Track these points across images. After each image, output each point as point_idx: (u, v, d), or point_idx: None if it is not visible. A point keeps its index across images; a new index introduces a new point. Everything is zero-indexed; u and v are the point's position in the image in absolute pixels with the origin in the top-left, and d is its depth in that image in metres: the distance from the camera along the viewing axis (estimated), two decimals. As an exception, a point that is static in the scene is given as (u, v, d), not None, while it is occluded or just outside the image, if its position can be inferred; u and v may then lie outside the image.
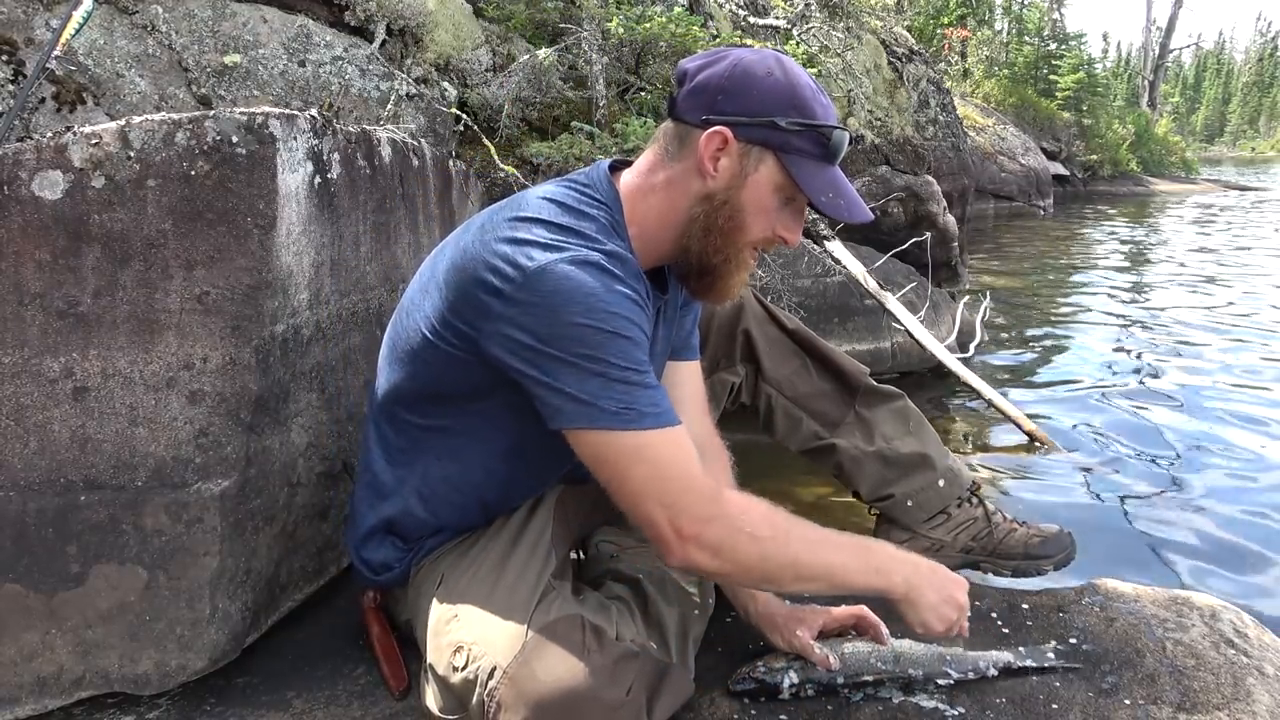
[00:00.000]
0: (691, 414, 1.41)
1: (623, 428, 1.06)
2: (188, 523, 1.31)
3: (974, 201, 8.79)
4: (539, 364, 1.06)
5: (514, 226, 1.11)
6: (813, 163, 1.15)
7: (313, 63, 2.98)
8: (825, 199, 1.15)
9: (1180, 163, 22.69)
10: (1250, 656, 1.39)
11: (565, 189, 1.20)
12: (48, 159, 1.28)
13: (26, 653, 1.28)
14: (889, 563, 1.20)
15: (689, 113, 1.16)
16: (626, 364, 1.06)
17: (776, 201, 1.18)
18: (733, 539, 1.09)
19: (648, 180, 1.21)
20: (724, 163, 1.15)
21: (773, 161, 1.15)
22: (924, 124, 6.88)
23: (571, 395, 1.06)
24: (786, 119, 1.13)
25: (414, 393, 1.26)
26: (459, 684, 1.12)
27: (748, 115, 1.13)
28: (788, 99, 1.14)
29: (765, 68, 1.15)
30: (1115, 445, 3.20)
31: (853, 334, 3.86)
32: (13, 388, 1.28)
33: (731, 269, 1.21)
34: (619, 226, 1.19)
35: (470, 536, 1.31)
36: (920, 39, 13.36)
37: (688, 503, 1.07)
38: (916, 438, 1.63)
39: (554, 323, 1.05)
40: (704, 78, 1.16)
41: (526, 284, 1.05)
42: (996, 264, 8.00)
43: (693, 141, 1.16)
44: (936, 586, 1.22)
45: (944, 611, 1.22)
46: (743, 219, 1.17)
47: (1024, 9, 22.38)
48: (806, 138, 1.14)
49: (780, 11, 5.70)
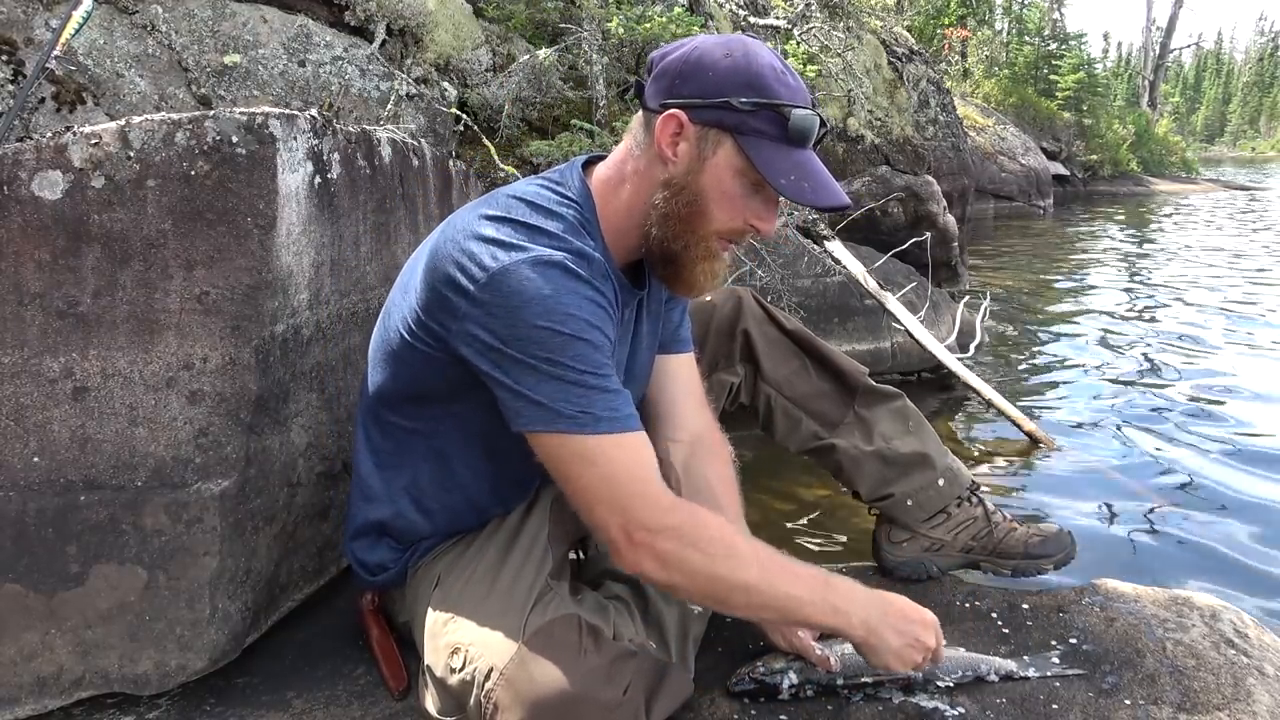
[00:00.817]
0: (688, 407, 1.42)
1: (577, 431, 1.06)
2: (188, 523, 1.31)
3: (974, 201, 8.79)
4: (501, 365, 1.07)
5: (482, 224, 1.12)
6: (772, 144, 1.11)
7: (313, 63, 2.98)
8: (785, 181, 1.11)
9: (1180, 163, 22.67)
10: (1250, 656, 1.39)
11: (537, 187, 1.19)
12: (48, 159, 1.28)
13: (26, 653, 1.28)
14: (849, 603, 1.18)
15: (652, 99, 1.15)
16: (584, 367, 1.06)
17: (740, 187, 1.14)
18: (682, 553, 1.08)
19: (618, 172, 1.20)
20: (682, 147, 1.13)
21: (730, 144, 1.12)
22: (924, 124, 6.88)
23: (529, 398, 1.06)
24: (741, 98, 1.09)
25: (396, 394, 1.26)
26: (456, 685, 1.12)
27: (702, 97, 1.11)
28: (744, 79, 1.10)
29: (724, 50, 1.12)
30: (1115, 445, 3.20)
31: (853, 334, 3.86)
32: (13, 388, 1.28)
33: (695, 257, 1.18)
34: (589, 224, 1.18)
35: (467, 537, 1.31)
36: (920, 39, 13.36)
37: (638, 510, 1.07)
38: (916, 437, 1.63)
39: (514, 324, 1.05)
40: (665, 64, 1.15)
41: (490, 284, 1.05)
42: (996, 264, 7.99)
43: (654, 128, 1.14)
44: (899, 630, 1.20)
45: (906, 655, 1.21)
46: (704, 205, 1.14)
47: (1024, 9, 22.38)
48: (763, 117, 1.10)
49: (780, 11, 5.70)
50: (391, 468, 1.30)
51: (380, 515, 1.31)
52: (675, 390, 1.41)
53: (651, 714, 1.13)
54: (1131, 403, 3.72)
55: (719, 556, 1.09)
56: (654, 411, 1.41)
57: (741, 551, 1.12)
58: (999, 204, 12.75)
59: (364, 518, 1.33)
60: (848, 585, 1.20)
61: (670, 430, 1.40)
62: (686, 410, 1.42)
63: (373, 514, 1.32)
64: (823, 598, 1.16)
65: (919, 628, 1.22)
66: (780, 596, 1.13)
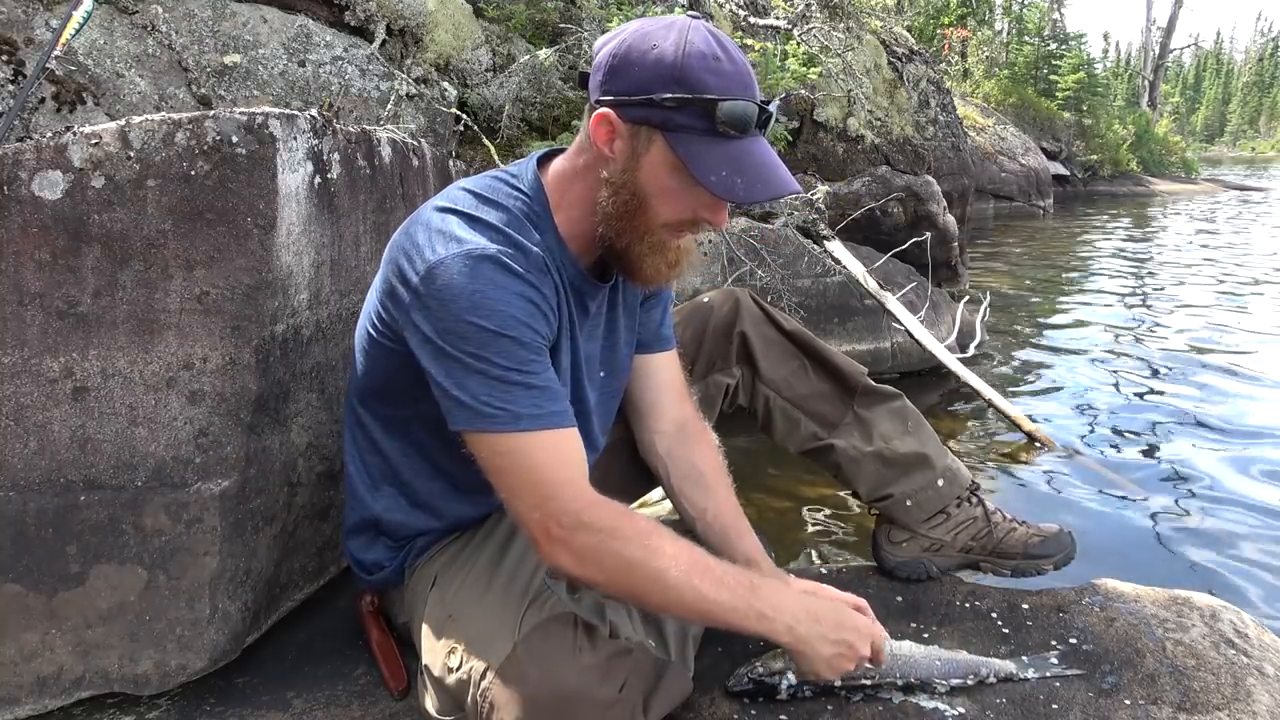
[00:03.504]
0: (669, 399, 1.43)
1: (499, 429, 1.06)
2: (188, 523, 1.31)
3: (974, 201, 8.78)
4: (436, 358, 1.08)
5: (431, 216, 1.13)
6: (702, 139, 1.07)
7: (313, 63, 2.98)
8: (715, 179, 1.06)
9: (1180, 163, 22.67)
10: (1250, 657, 1.39)
11: (489, 179, 1.20)
12: (48, 159, 1.28)
13: (26, 653, 1.28)
14: (775, 609, 1.14)
15: (591, 94, 1.13)
16: (509, 364, 1.06)
17: (679, 182, 1.10)
18: (598, 550, 1.07)
19: (571, 165, 1.19)
20: (618, 145, 1.10)
21: (661, 141, 1.08)
22: (924, 124, 6.88)
23: (456, 397, 1.07)
24: (665, 94, 1.05)
25: (369, 388, 1.28)
26: (454, 685, 1.12)
27: (628, 94, 1.07)
28: (669, 73, 1.05)
29: (650, 42, 1.07)
30: (1115, 445, 3.20)
31: (853, 334, 3.86)
32: (13, 388, 1.28)
33: (643, 252, 1.16)
34: (537, 216, 1.17)
35: (463, 535, 1.31)
36: (920, 39, 13.37)
37: (555, 508, 1.07)
38: (915, 437, 1.63)
39: (444, 317, 1.06)
40: (600, 57, 1.11)
41: (427, 276, 1.07)
42: (996, 264, 7.99)
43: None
44: (830, 639, 1.16)
45: (837, 664, 1.18)
46: (644, 202, 1.12)
47: (1024, 9, 22.38)
48: (689, 112, 1.06)
49: (781, 12, 5.70)
50: (376, 465, 1.31)
51: (372, 512, 1.31)
52: (657, 385, 1.42)
53: (649, 712, 1.13)
54: (1131, 403, 3.72)
55: (636, 556, 1.08)
56: (636, 407, 1.43)
57: (662, 551, 1.09)
58: (999, 204, 12.75)
59: (357, 515, 1.34)
60: (776, 590, 1.16)
61: (653, 423, 1.42)
62: (668, 402, 1.43)
63: (365, 511, 1.32)
64: (748, 603, 1.12)
65: (853, 634, 1.18)
66: (700, 598, 1.10)
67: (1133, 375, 4.19)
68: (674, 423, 1.42)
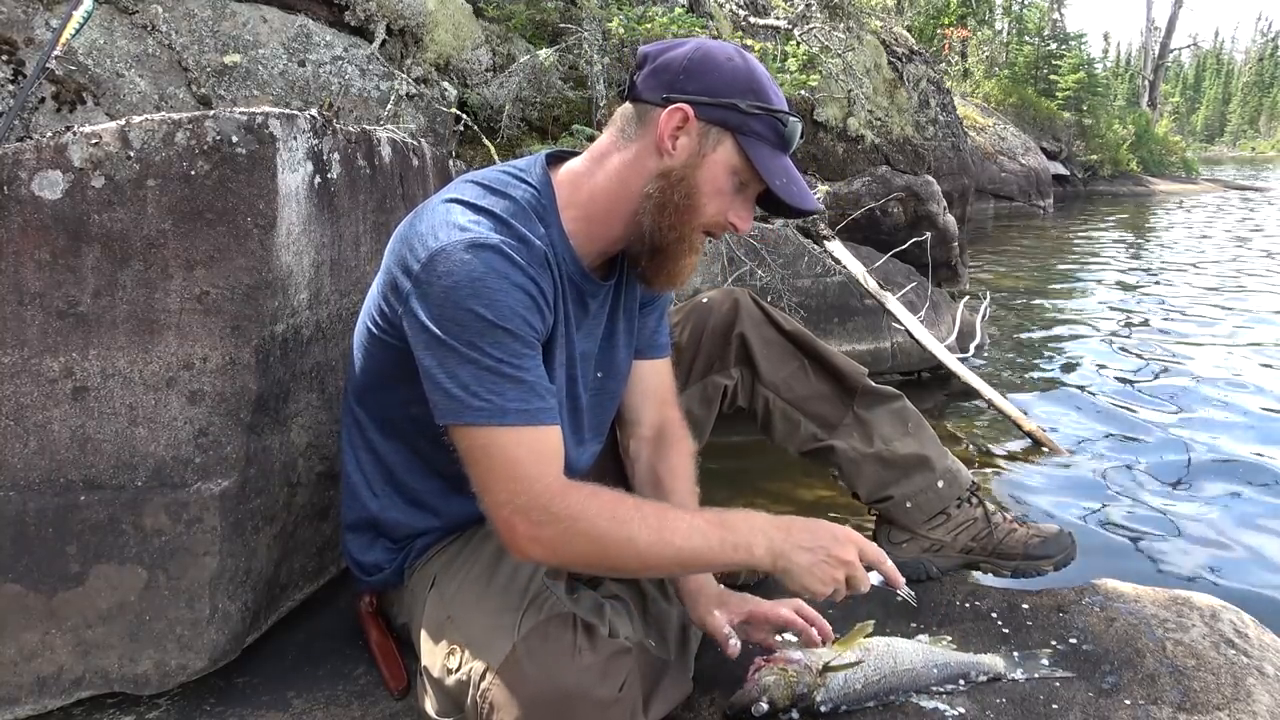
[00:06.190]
0: (651, 406, 1.46)
1: (483, 423, 1.07)
2: (188, 523, 1.31)
3: (974, 201, 8.78)
4: (430, 346, 1.08)
5: (437, 207, 1.14)
6: (768, 148, 1.17)
7: (313, 63, 2.98)
8: (779, 183, 1.17)
9: (1180, 163, 22.66)
10: (1250, 656, 1.39)
11: (496, 172, 1.21)
12: (48, 159, 1.28)
13: (26, 653, 1.28)
14: (749, 535, 1.14)
15: (649, 92, 1.17)
16: (501, 355, 1.07)
17: (730, 184, 1.18)
18: (568, 539, 1.08)
19: (599, 164, 1.21)
20: (683, 140, 1.16)
21: (730, 143, 1.16)
22: (924, 124, 6.88)
23: (445, 389, 1.07)
24: (747, 101, 1.15)
25: (365, 385, 1.28)
26: (453, 686, 1.12)
27: (709, 95, 1.15)
28: (747, 84, 1.16)
29: (726, 54, 1.17)
30: (1115, 445, 3.20)
31: (853, 334, 3.85)
32: (13, 388, 1.28)
33: (684, 250, 1.21)
34: (544, 209, 1.19)
35: (462, 537, 1.31)
36: (920, 39, 13.37)
37: (524, 503, 1.07)
38: (915, 438, 1.63)
39: (444, 304, 1.06)
40: (666, 59, 1.17)
41: (428, 263, 1.08)
42: (997, 264, 7.99)
43: (652, 120, 1.17)
44: (807, 546, 1.15)
45: (821, 571, 1.15)
46: (697, 198, 1.18)
47: (1024, 9, 22.37)
48: (764, 122, 1.16)
49: (781, 12, 5.70)
50: (373, 462, 1.31)
51: (370, 511, 1.31)
52: (641, 391, 1.45)
53: (649, 712, 1.13)
54: (1132, 403, 3.72)
55: (604, 530, 1.08)
56: (620, 411, 1.45)
57: (628, 519, 1.09)
58: (999, 204, 12.75)
59: (355, 515, 1.34)
60: (745, 518, 1.16)
61: (635, 429, 1.46)
62: (649, 409, 1.46)
63: (363, 511, 1.32)
64: (722, 539, 1.13)
65: (829, 540, 1.17)
66: (677, 552, 1.11)
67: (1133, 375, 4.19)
68: (652, 428, 1.45)
